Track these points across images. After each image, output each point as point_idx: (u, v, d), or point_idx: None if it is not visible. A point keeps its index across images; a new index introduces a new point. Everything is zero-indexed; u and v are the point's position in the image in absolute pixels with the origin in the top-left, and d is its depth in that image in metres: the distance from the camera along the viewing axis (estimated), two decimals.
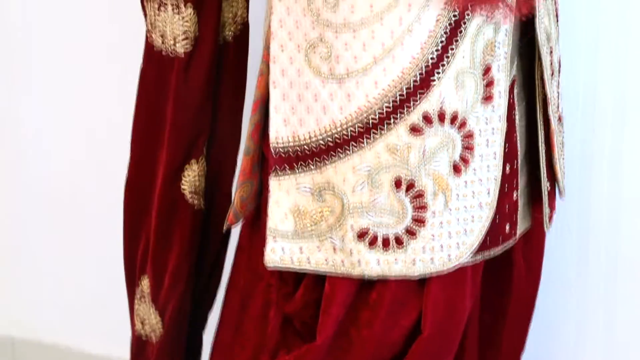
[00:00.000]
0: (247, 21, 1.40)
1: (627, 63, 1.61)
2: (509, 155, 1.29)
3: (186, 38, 1.33)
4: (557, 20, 1.36)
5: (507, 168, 1.29)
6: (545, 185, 1.35)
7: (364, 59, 1.19)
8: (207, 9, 1.33)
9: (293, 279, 1.29)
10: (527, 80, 1.33)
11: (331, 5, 1.19)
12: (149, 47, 1.36)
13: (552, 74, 1.33)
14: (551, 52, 1.32)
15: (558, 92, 1.38)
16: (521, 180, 1.34)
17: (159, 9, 1.32)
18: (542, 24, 1.29)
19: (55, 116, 2.01)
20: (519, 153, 1.32)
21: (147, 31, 1.35)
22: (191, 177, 1.41)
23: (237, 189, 1.33)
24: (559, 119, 1.38)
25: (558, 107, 1.37)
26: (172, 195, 1.41)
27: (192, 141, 1.39)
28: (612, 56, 1.62)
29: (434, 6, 1.18)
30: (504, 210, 1.30)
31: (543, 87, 1.31)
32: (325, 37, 1.20)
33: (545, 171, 1.35)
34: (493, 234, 1.29)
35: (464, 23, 1.20)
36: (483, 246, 1.28)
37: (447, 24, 1.19)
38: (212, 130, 1.41)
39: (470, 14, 1.19)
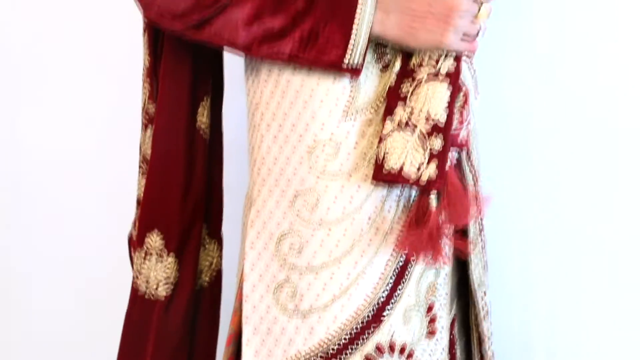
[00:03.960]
0: (221, 269, 1.59)
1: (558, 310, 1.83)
2: None
3: (167, 282, 1.51)
4: (486, 270, 1.57)
5: None
6: None
7: (324, 297, 1.37)
8: (187, 258, 1.52)
9: None
10: (466, 319, 1.53)
11: (296, 252, 1.39)
12: (134, 291, 1.53)
13: (486, 315, 1.53)
14: (484, 296, 1.53)
15: (491, 332, 1.57)
16: None
17: (144, 257, 1.52)
18: (476, 271, 1.50)
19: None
20: None
21: (134, 277, 1.54)
22: None
23: None
24: (493, 354, 1.56)
25: (492, 345, 1.56)
26: None
27: None
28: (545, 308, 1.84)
29: (384, 254, 1.38)
30: None
31: (477, 326, 1.51)
32: (291, 279, 1.39)
33: None
34: None
35: (409, 268, 1.40)
36: None
37: (395, 268, 1.39)
38: None
39: (414, 261, 1.40)
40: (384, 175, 1.33)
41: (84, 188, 2.08)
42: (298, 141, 1.38)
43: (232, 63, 1.57)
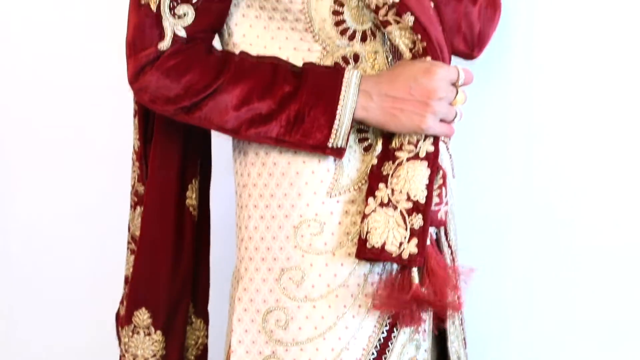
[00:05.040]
0: (207, 345, 1.63)
1: None
2: None
3: (154, 356, 1.55)
4: (465, 346, 1.62)
5: None
6: None
7: None
8: (174, 334, 1.56)
9: None
10: None
11: (282, 327, 1.44)
12: None
13: None
14: None
15: None
16: None
17: (132, 334, 1.55)
18: (453, 347, 1.55)
19: None
20: None
21: (121, 353, 1.57)
22: None
23: None
24: None
25: None
26: None
27: None
28: None
29: (367, 327, 1.43)
30: None
31: None
32: (277, 353, 1.43)
33: None
34: None
35: (391, 341, 1.45)
36: None
37: (378, 341, 1.44)
38: None
39: (396, 336, 1.45)
40: (367, 252, 1.39)
41: (72, 267, 2.12)
42: (284, 219, 1.44)
43: (221, 143, 1.63)
